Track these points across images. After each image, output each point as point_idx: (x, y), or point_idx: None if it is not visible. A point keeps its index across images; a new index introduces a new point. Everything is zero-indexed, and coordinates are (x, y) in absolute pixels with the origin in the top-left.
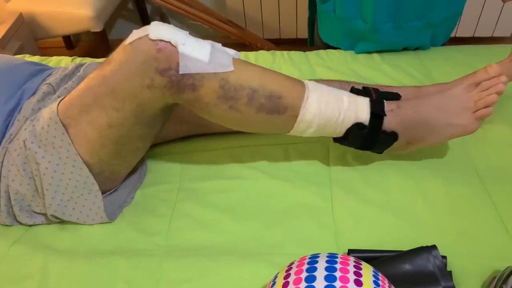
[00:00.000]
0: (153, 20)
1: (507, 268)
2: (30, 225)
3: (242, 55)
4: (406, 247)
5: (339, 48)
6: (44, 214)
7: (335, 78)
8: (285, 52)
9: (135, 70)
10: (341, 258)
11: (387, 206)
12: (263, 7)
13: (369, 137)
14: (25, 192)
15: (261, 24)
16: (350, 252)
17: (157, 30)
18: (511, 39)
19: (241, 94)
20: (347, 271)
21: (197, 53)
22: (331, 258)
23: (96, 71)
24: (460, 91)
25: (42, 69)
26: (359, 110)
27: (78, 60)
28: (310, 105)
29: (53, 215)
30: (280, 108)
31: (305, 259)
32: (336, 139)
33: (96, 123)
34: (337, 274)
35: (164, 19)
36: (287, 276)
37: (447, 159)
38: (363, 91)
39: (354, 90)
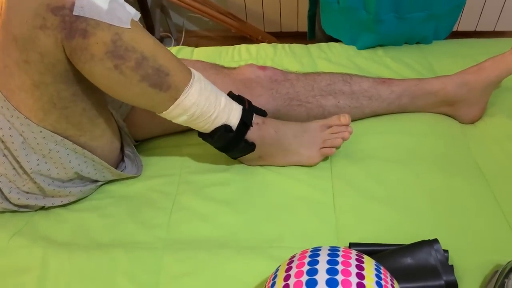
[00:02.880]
0: (153, 13)
1: (509, 262)
2: (27, 207)
3: (243, 47)
4: (407, 241)
5: (341, 41)
6: (36, 193)
7: (337, 71)
8: (286, 45)
9: (26, 7)
10: (343, 251)
11: (388, 200)
12: (264, 0)
13: (232, 141)
14: (4, 172)
15: (261, 17)
16: (351, 245)
17: None
18: None
19: (131, 56)
20: (349, 264)
21: None
22: (333, 251)
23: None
24: (315, 127)
25: None
26: (232, 114)
27: None
28: (191, 93)
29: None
30: (164, 85)
31: (307, 252)
32: (200, 134)
33: (24, 86)
34: (339, 267)
35: (164, 11)
36: (288, 269)
37: (448, 153)
38: (238, 99)
39: (231, 95)
